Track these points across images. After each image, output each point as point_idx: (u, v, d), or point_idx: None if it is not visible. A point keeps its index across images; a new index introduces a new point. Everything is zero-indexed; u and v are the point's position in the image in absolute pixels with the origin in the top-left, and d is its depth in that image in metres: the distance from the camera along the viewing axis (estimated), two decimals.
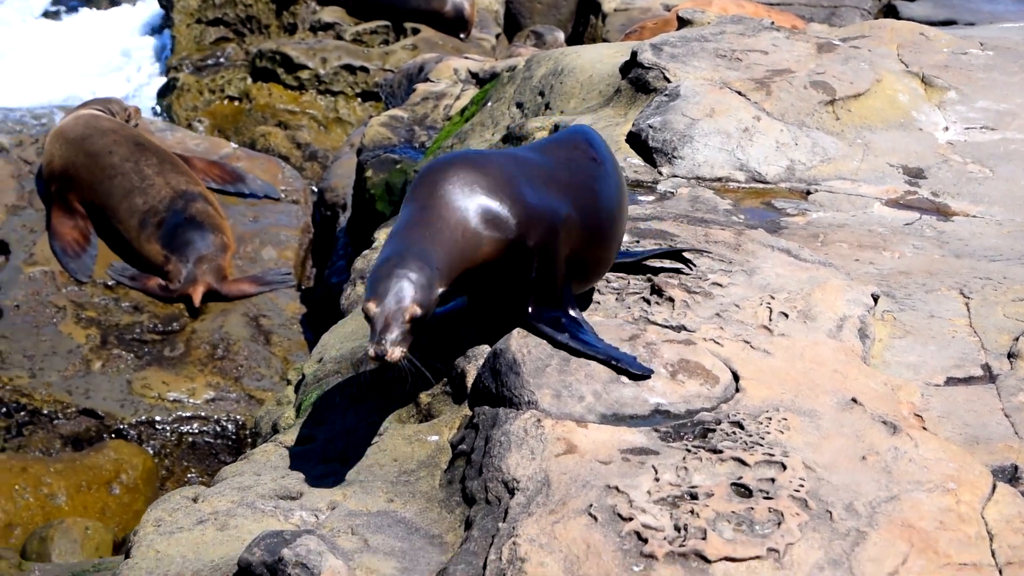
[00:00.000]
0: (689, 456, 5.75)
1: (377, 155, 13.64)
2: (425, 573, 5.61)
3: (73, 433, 12.64)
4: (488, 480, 5.86)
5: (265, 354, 13.56)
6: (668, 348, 6.40)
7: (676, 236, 7.71)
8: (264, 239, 15.04)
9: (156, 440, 12.62)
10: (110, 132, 14.96)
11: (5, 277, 13.96)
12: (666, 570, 5.22)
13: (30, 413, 12.78)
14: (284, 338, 13.75)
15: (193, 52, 22.63)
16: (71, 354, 13.33)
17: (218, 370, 13.30)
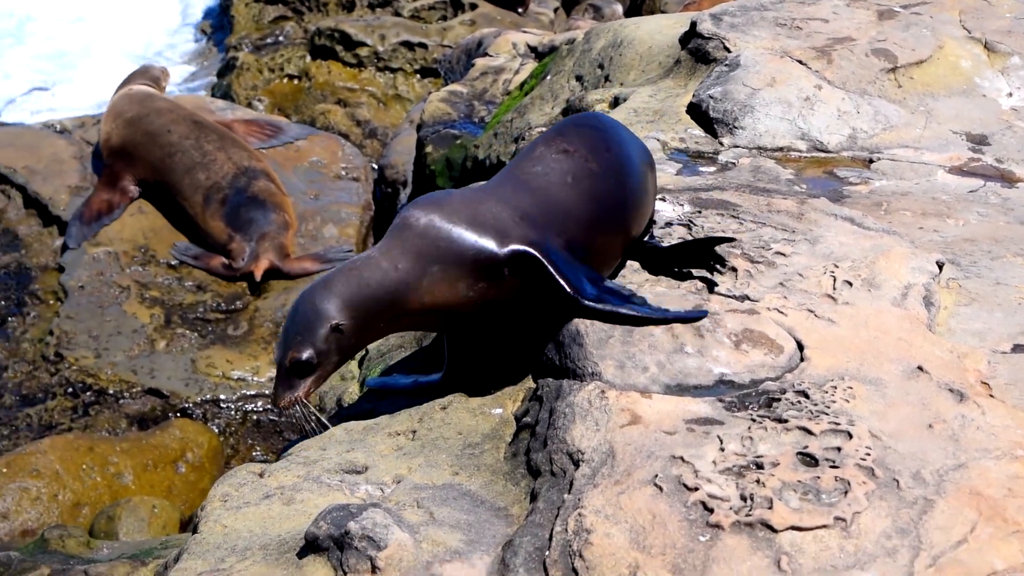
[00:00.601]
0: (754, 426, 5.74)
1: (437, 131, 13.64)
2: (491, 545, 5.62)
3: (139, 412, 12.70)
4: (553, 452, 5.86)
5: None
6: (731, 318, 6.39)
7: (738, 206, 7.68)
8: (325, 217, 15.06)
9: (221, 419, 12.67)
10: (167, 111, 15.03)
11: (69, 258, 14.04)
12: (732, 540, 5.21)
13: (96, 393, 12.85)
14: None
15: (252, 31, 22.66)
16: (135, 334, 13.39)
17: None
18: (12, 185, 14.77)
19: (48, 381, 13.00)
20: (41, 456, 11.39)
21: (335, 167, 15.84)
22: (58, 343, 13.26)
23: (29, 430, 12.51)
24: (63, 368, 13.07)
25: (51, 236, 14.38)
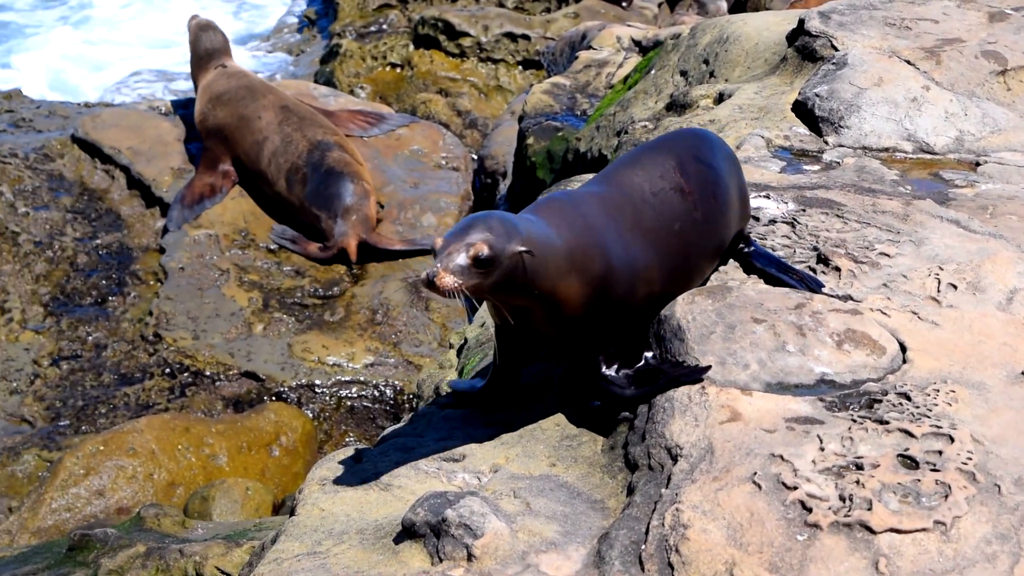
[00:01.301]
0: (855, 426, 5.71)
1: (539, 122, 13.64)
2: (586, 537, 5.62)
3: (234, 395, 12.79)
4: (651, 446, 5.85)
5: (424, 320, 13.63)
6: (834, 317, 6.36)
7: (843, 205, 7.64)
8: (424, 205, 15.11)
9: (315, 404, 12.73)
10: (260, 94, 15.17)
11: (171, 239, 14.16)
12: (830, 540, 5.19)
13: (193, 374, 12.95)
14: (443, 304, 13.81)
15: (356, 19, 22.73)
16: (233, 317, 13.49)
17: (377, 335, 13.39)
18: (116, 166, 14.91)
19: (146, 361, 13.11)
20: (138, 435, 11.49)
21: (435, 156, 15.88)
22: (157, 323, 13.37)
23: (126, 409, 12.63)
24: (161, 348, 13.18)
25: (153, 217, 14.50)
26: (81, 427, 12.38)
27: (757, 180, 8.08)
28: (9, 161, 15.02)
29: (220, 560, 8.45)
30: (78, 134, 15.44)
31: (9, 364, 13.06)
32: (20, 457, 11.96)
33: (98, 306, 13.73)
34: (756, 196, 7.69)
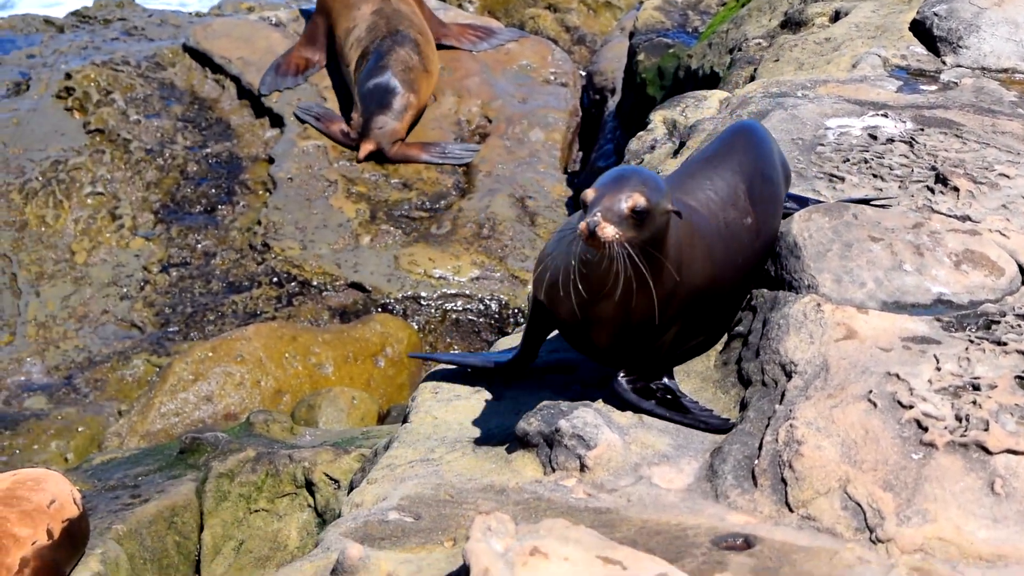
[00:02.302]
0: (972, 347, 5.68)
1: (650, 39, 13.59)
2: (699, 451, 5.63)
3: (341, 305, 12.84)
4: (765, 363, 5.85)
5: (530, 235, 13.62)
6: (952, 237, 6.31)
7: (962, 125, 7.58)
8: (532, 121, 15.06)
9: (421, 316, 12.77)
10: None
11: (279, 150, 14.19)
12: (946, 459, 5.17)
13: (300, 284, 13.01)
14: (549, 220, 13.79)
15: None
16: (341, 228, 13.52)
17: (483, 249, 13.39)
18: (227, 75, 14.97)
19: (254, 270, 13.18)
20: (246, 343, 11.57)
21: (544, 71, 15.83)
22: (265, 233, 13.43)
23: (234, 317, 12.71)
24: (269, 258, 13.24)
25: (262, 127, 14.54)
26: (190, 333, 12.48)
27: (873, 99, 8.02)
28: (121, 69, 15.10)
29: (328, 467, 8.52)
30: (189, 43, 15.50)
31: (120, 270, 13.18)
32: (130, 362, 12.09)
33: (207, 214, 13.81)
34: (874, 115, 7.64)
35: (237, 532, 8.54)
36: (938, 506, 5.06)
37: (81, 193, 13.83)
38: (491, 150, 14.66)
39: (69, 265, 13.21)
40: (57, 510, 7.60)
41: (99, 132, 14.39)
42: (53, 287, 12.96)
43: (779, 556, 4.92)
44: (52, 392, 11.84)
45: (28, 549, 7.35)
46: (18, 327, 12.54)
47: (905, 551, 4.97)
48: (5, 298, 12.81)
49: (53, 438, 11.05)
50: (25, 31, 16.39)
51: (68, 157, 14.09)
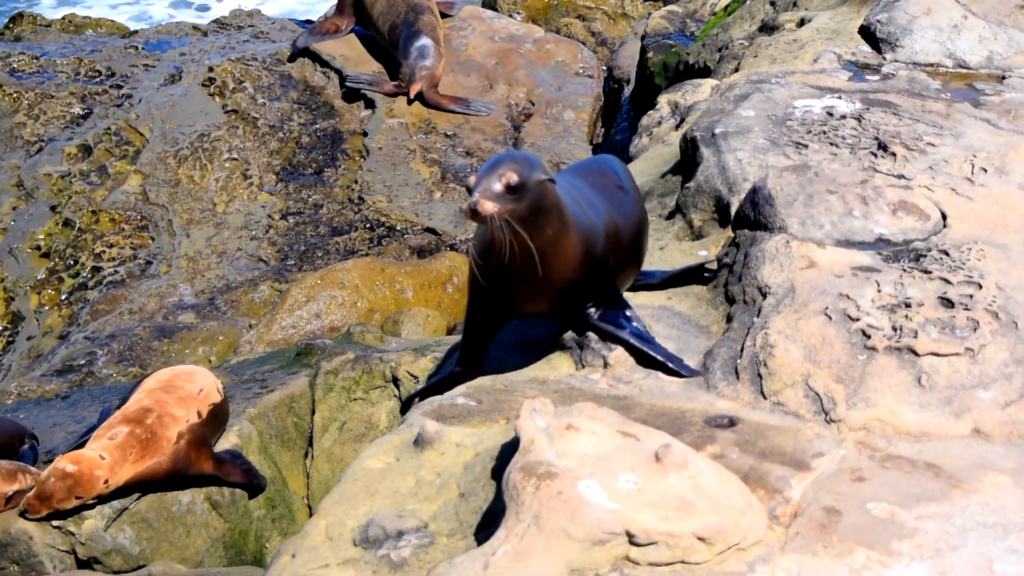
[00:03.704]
0: (905, 275, 5.68)
1: (657, 40, 13.55)
2: (695, 353, 5.65)
3: (418, 245, 12.84)
4: (746, 286, 5.86)
5: None
6: (891, 191, 6.30)
7: (898, 106, 7.53)
8: (565, 104, 15.01)
9: None
10: None
11: (371, 126, 14.19)
12: (884, 360, 5.19)
13: (387, 228, 13.02)
14: None
15: None
16: (418, 186, 13.52)
17: None
18: (331, 68, 14.94)
19: (352, 218, 13.20)
20: (346, 273, 11.60)
21: (575, 66, 15.76)
22: (361, 189, 13.45)
23: (337, 253, 12.74)
24: (364, 208, 13.26)
25: (358, 108, 14.53)
26: (303, 266, 12.51)
27: (830, 86, 7.97)
28: (251, 64, 15.09)
29: (410, 366, 8.57)
30: (298, 44, 15.48)
31: (250, 217, 13.21)
32: (257, 287, 12.13)
33: (316, 175, 13.81)
34: (831, 97, 7.61)
35: (340, 415, 8.59)
36: (878, 395, 5.08)
37: (220, 158, 13.86)
38: (533, 126, 14.63)
39: (211, 213, 13.25)
40: (205, 396, 7.67)
41: (234, 112, 14.41)
42: (199, 230, 13.01)
43: (756, 432, 4.94)
44: (199, 310, 11.90)
45: (183, 425, 7.42)
46: (173, 260, 12.60)
47: (852, 429, 4.99)
48: (163, 238, 12.87)
49: (200, 345, 11.12)
50: (178, 35, 16.38)
51: (210, 131, 14.12)
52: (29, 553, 6.85)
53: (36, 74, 14.81)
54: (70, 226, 12.86)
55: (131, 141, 13.94)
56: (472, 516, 4.67)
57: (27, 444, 7.85)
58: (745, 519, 4.25)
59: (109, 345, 11.20)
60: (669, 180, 7.53)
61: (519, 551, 4.07)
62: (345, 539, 4.72)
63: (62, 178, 13.37)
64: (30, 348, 11.66)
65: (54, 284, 12.35)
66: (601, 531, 4.09)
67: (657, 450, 4.31)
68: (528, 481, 4.22)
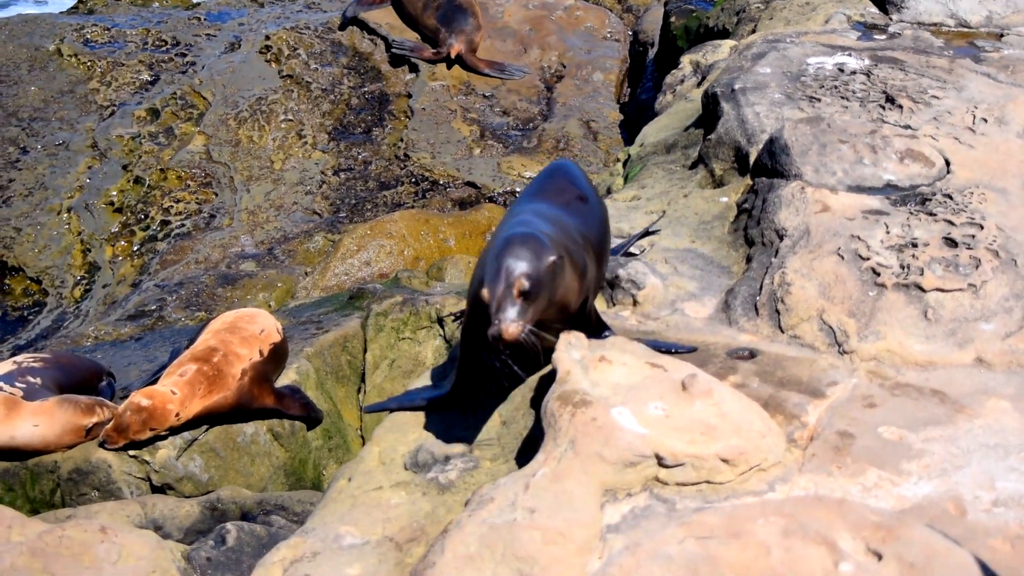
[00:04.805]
0: (911, 217, 5.62)
1: (679, 6, 13.43)
2: (717, 291, 5.61)
3: (460, 198, 12.82)
4: (764, 229, 5.81)
5: (593, 147, 13.54)
6: (898, 140, 6.23)
7: (904, 62, 7.44)
8: (594, 66, 14.92)
9: None
10: None
11: (416, 88, 14.14)
12: (893, 296, 5.14)
13: (431, 183, 13.00)
14: (607, 136, 13.70)
15: None
16: (459, 143, 13.48)
17: (560, 157, 13.32)
18: (378, 36, 14.89)
19: (399, 173, 13.18)
20: (393, 224, 11.59)
21: (603, 31, 15.65)
22: (406, 147, 13.41)
23: (385, 206, 12.73)
24: (409, 164, 13.23)
25: (403, 72, 14.48)
26: (354, 218, 12.51)
27: (841, 44, 7.88)
28: (304, 32, 15.05)
29: (452, 308, 8.56)
30: (347, 14, 15.43)
31: (305, 174, 13.20)
32: (312, 238, 12.13)
33: (365, 134, 13.78)
34: (841, 55, 7.51)
35: (390, 353, 8.60)
36: (887, 328, 5.04)
37: (277, 119, 13.84)
38: (565, 87, 14.56)
39: (269, 170, 13.24)
40: (265, 336, 7.68)
41: (289, 77, 14.38)
42: (258, 185, 13.01)
43: (774, 363, 4.91)
44: (259, 259, 11.91)
45: (246, 363, 7.45)
46: (235, 214, 12.61)
47: (863, 359, 4.95)
48: (226, 194, 12.88)
49: (260, 291, 11.14)
50: (236, 6, 16.34)
51: (267, 95, 14.09)
52: (108, 480, 6.90)
53: (108, 44, 14.82)
54: (140, 183, 12.88)
55: (195, 105, 13.94)
56: (513, 442, 4.67)
57: (104, 381, 7.89)
58: (765, 442, 4.23)
59: (177, 292, 11.23)
60: (692, 133, 7.47)
61: (557, 473, 4.06)
62: (397, 464, 4.73)
63: (132, 139, 13.39)
64: (106, 295, 11.71)
65: (126, 236, 12.39)
66: (632, 454, 4.08)
67: (683, 379, 4.29)
68: (564, 409, 4.21)
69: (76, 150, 13.23)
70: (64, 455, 7.01)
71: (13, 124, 13.52)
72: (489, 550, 3.86)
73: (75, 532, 4.57)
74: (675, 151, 7.32)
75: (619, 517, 4.02)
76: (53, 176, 12.88)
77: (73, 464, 6.94)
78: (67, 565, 4.46)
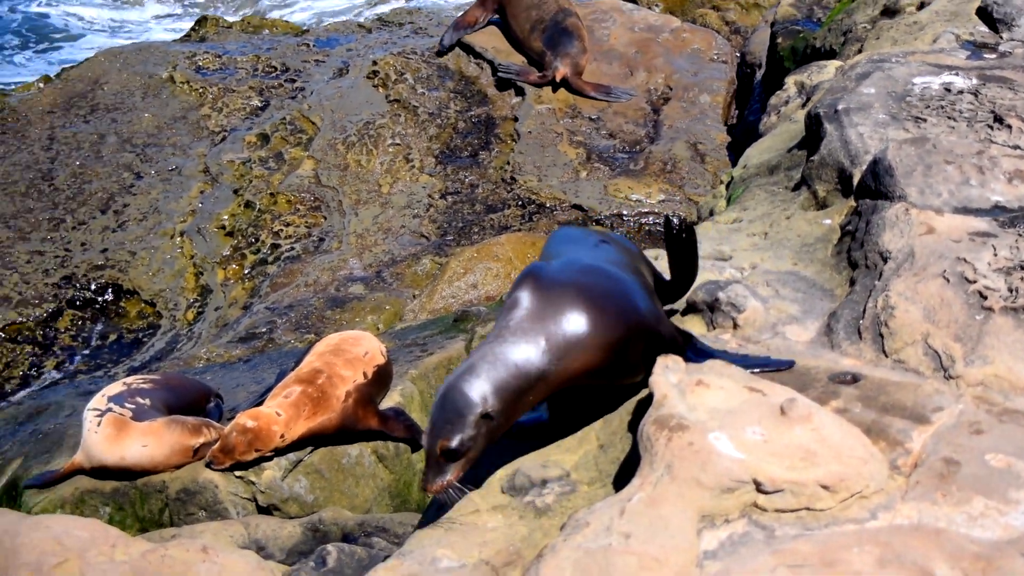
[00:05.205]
0: (1020, 239, 5.49)
1: (786, 27, 13.35)
2: (819, 315, 5.54)
3: (566, 220, 12.82)
4: (868, 251, 5.72)
5: (700, 169, 13.47)
6: (1006, 160, 6.09)
7: (1014, 81, 7.28)
8: (701, 88, 14.85)
9: (623, 227, 12.70)
10: None
11: (522, 112, 14.18)
12: (1001, 320, 5.03)
13: (537, 206, 13.02)
14: (714, 158, 13.62)
15: None
16: (566, 166, 13.49)
17: (667, 180, 13.27)
18: (484, 60, 14.96)
19: (505, 196, 13.22)
20: (499, 246, 11.62)
21: (709, 53, 15.57)
22: (513, 170, 13.46)
23: (492, 229, 12.77)
24: (515, 187, 13.27)
25: (509, 96, 14.53)
26: (461, 241, 12.57)
27: (948, 64, 7.74)
28: (411, 57, 15.17)
29: None
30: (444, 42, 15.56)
31: (412, 197, 13.30)
32: (420, 260, 12.20)
33: (472, 158, 13.85)
34: (948, 74, 7.38)
35: None
36: (995, 353, 4.93)
37: (384, 144, 13.97)
38: (672, 109, 14.51)
39: (377, 194, 13.36)
40: (370, 358, 7.74)
41: (396, 101, 14.50)
42: (367, 209, 13.13)
43: (878, 388, 4.83)
44: (367, 282, 12.01)
45: (350, 385, 7.50)
46: (344, 237, 12.74)
47: (970, 384, 4.85)
48: (334, 217, 13.02)
49: (368, 313, 11.23)
50: (345, 32, 16.53)
51: (375, 119, 14.23)
52: (215, 500, 6.98)
53: (219, 71, 15.08)
54: (251, 207, 13.07)
55: (304, 130, 14.11)
56: (611, 466, 4.64)
57: (212, 402, 8.00)
58: (867, 468, 4.15)
59: (287, 314, 11.36)
60: (795, 154, 7.39)
61: (653, 498, 4.03)
62: (494, 487, 4.73)
63: (243, 164, 13.59)
64: (217, 318, 11.89)
65: (237, 260, 12.57)
66: (730, 479, 4.03)
67: (782, 404, 4.23)
68: (661, 433, 4.17)
69: (188, 175, 13.47)
70: (172, 475, 7.11)
71: (128, 150, 13.80)
72: (583, 575, 3.84)
73: (177, 552, 4.62)
74: (778, 172, 7.25)
75: (716, 543, 3.97)
76: (166, 200, 13.12)
77: (181, 484, 7.04)
78: None
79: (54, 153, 13.79)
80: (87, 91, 14.77)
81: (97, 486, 7.12)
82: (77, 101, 14.62)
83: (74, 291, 12.15)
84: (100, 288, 12.21)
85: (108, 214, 12.98)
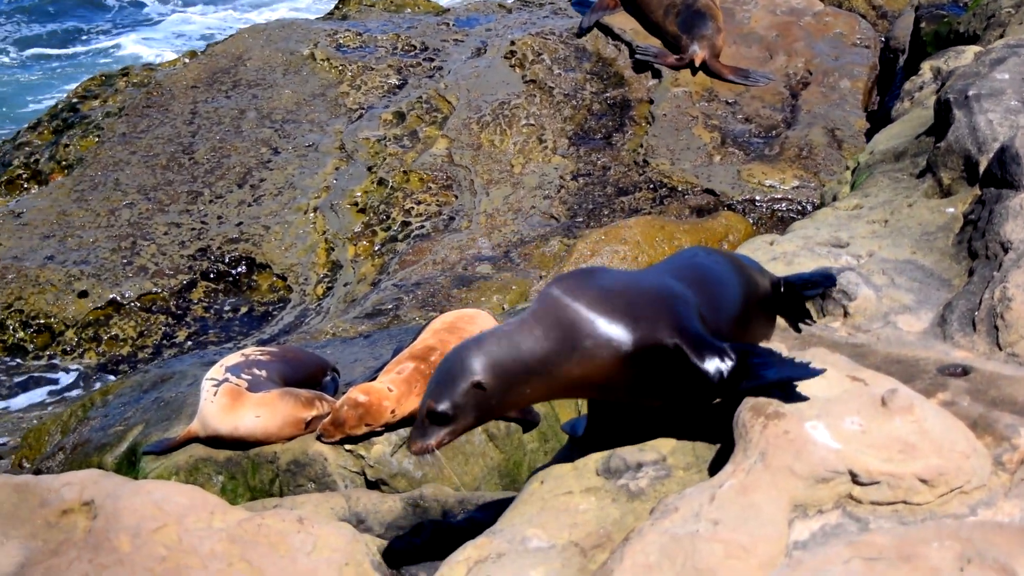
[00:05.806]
0: None
1: (931, 11, 13.04)
2: (934, 305, 5.39)
3: (697, 205, 12.69)
4: (988, 241, 5.55)
5: (837, 156, 13.22)
6: None
7: None
8: (841, 73, 14.57)
9: (755, 213, 12.53)
10: None
11: (657, 95, 14.07)
12: None
13: (669, 189, 12.91)
14: (852, 145, 13.36)
15: None
16: (699, 150, 13.36)
17: (802, 166, 13.06)
18: (622, 41, 14.87)
19: (637, 179, 13.14)
20: (628, 230, 11.54)
21: (852, 37, 15.27)
22: (646, 153, 13.36)
23: (622, 211, 12.71)
24: (648, 170, 13.18)
25: (646, 78, 14.42)
26: (590, 223, 12.52)
27: None
28: (549, 38, 15.15)
29: None
30: (584, 24, 15.50)
31: (544, 178, 13.28)
32: (548, 242, 12.19)
33: (605, 140, 13.79)
34: None
35: None
36: None
37: (518, 124, 13.97)
38: (811, 94, 14.26)
39: (509, 174, 13.37)
40: None
41: (532, 82, 14.49)
42: (498, 189, 13.15)
43: (988, 382, 4.68)
44: (495, 261, 12.03)
45: None
46: (473, 216, 12.77)
47: None
48: (466, 196, 13.06)
49: (495, 293, 11.25)
50: (485, 12, 16.57)
51: (511, 99, 14.24)
52: (324, 472, 7.04)
53: (359, 49, 15.22)
54: (384, 185, 13.17)
55: (440, 108, 14.18)
56: (708, 452, 4.57)
57: (328, 376, 8.06)
58: (969, 463, 4.02)
59: (414, 292, 11.44)
60: (922, 141, 7.20)
61: (745, 485, 3.95)
62: (589, 469, 4.68)
63: (378, 142, 13.71)
64: (346, 293, 12.02)
65: (368, 236, 12.69)
66: (825, 469, 3.94)
67: (883, 394, 4.12)
68: (756, 420, 4.09)
69: (325, 151, 13.63)
70: (283, 446, 7.19)
71: (267, 126, 14.01)
72: (669, 560, 3.79)
73: (273, 521, 4.67)
74: (904, 159, 7.06)
75: (808, 534, 3.88)
76: (302, 176, 13.29)
77: (291, 456, 7.11)
78: (263, 553, 4.56)
79: (195, 127, 14.07)
80: (230, 67, 15.03)
81: (211, 455, 7.21)
82: (220, 76, 14.89)
83: (208, 263, 12.38)
84: (234, 261, 12.42)
85: (245, 188, 13.20)
